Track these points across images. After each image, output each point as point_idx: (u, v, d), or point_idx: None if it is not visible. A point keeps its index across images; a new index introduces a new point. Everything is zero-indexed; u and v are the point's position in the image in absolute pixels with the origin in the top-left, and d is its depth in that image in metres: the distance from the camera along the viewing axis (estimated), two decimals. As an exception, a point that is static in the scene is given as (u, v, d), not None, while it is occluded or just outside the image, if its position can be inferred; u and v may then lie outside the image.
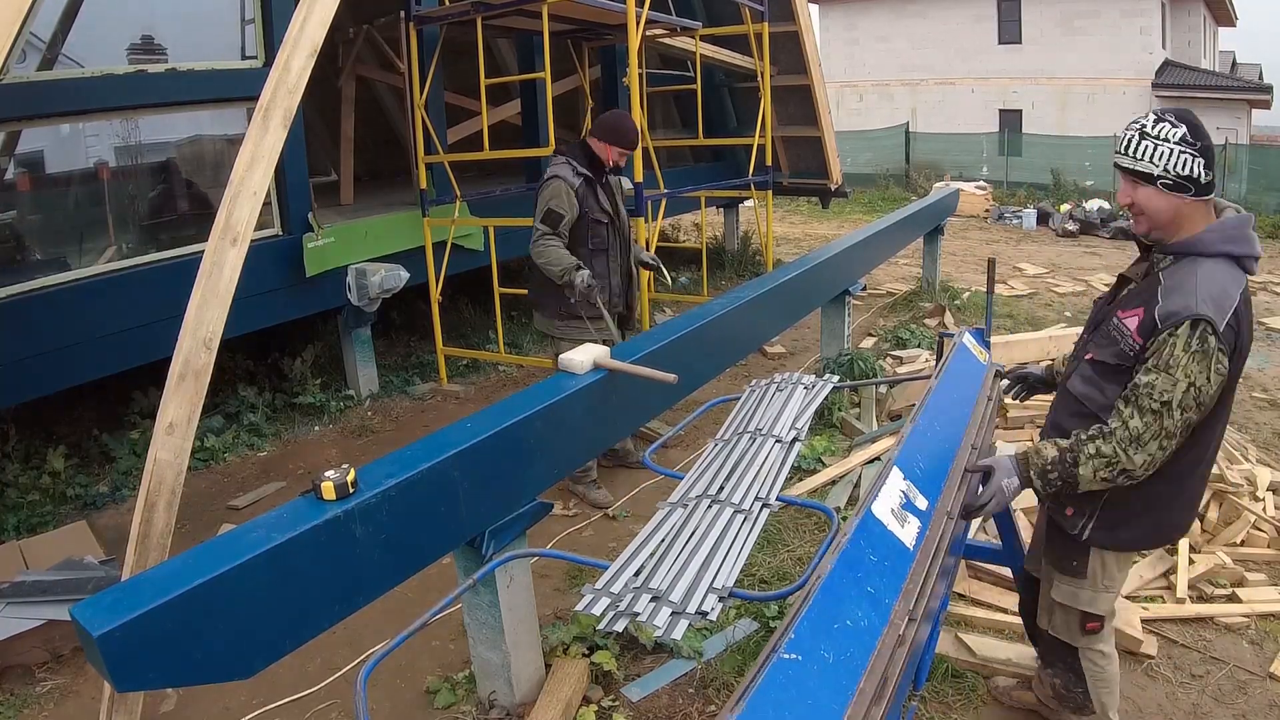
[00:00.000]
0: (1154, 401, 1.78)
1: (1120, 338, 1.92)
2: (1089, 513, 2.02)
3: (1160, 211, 1.86)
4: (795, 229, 15.15)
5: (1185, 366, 1.76)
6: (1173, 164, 1.81)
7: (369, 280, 5.64)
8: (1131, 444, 1.81)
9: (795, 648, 1.22)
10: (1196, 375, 1.76)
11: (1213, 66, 22.70)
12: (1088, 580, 2.10)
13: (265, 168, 2.92)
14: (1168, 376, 1.77)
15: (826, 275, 5.44)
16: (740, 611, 3.21)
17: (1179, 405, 1.77)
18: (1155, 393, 1.78)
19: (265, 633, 1.77)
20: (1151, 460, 1.81)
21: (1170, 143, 1.81)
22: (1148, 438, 1.79)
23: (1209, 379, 1.76)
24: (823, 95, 9.67)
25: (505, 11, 5.66)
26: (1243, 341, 1.84)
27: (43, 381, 4.27)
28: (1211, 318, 1.75)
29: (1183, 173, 1.81)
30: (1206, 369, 1.76)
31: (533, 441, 2.50)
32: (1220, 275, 1.81)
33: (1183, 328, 1.76)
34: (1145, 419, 1.79)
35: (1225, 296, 1.78)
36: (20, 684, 3.10)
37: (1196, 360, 1.75)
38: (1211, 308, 1.76)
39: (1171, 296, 1.81)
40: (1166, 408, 1.77)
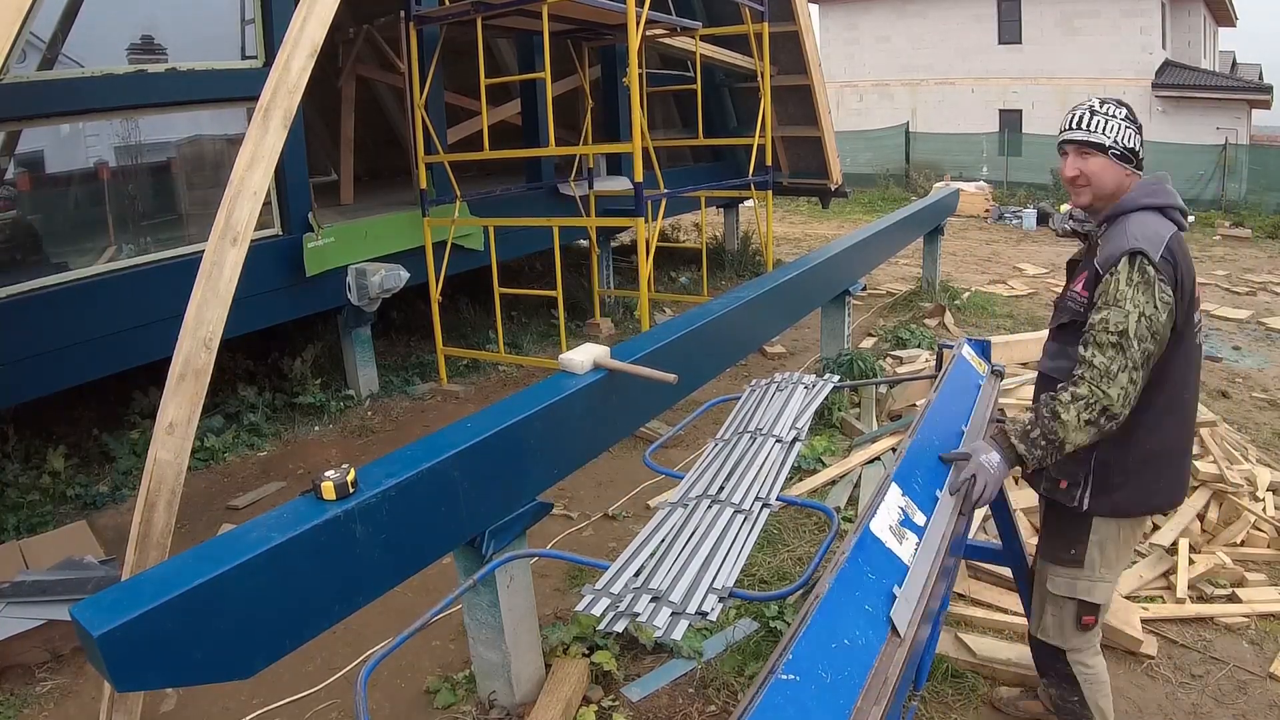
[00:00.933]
0: (1110, 334, 1.84)
1: (1073, 303, 2.04)
2: (1083, 478, 2.04)
3: (1107, 181, 2.02)
4: (795, 229, 15.15)
5: (1132, 298, 1.84)
6: (1121, 136, 2.00)
7: (369, 280, 5.64)
8: (1102, 379, 1.84)
9: (793, 668, 1.22)
10: (1144, 304, 1.84)
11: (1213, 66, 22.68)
12: (1085, 568, 2.10)
13: (265, 168, 2.92)
14: (1117, 309, 1.85)
15: (826, 275, 5.44)
16: (740, 611, 3.21)
17: (1135, 335, 1.83)
18: (1110, 325, 1.84)
19: (265, 633, 1.77)
20: (1124, 393, 1.83)
21: (1118, 119, 2.01)
22: (1115, 369, 1.83)
23: (1156, 306, 1.84)
24: (823, 95, 9.67)
25: (505, 11, 5.66)
26: (1182, 275, 1.90)
27: (43, 381, 4.27)
28: (1144, 249, 1.85)
29: (1129, 145, 2.01)
30: (1152, 297, 1.84)
31: (533, 441, 2.50)
32: (1149, 220, 1.94)
33: (1120, 264, 1.87)
34: (1108, 353, 1.84)
35: (1155, 234, 1.89)
36: (20, 684, 3.10)
37: (1140, 290, 1.84)
38: (1143, 242, 1.87)
39: (1106, 246, 1.95)
40: (1124, 337, 1.83)
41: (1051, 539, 2.19)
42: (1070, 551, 2.12)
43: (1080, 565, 2.11)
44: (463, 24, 5.92)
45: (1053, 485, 2.11)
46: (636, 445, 4.89)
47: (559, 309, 6.27)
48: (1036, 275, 10.38)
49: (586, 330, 7.81)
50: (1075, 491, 2.06)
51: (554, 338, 7.41)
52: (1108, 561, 2.11)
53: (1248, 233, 13.71)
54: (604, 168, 8.09)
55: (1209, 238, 13.54)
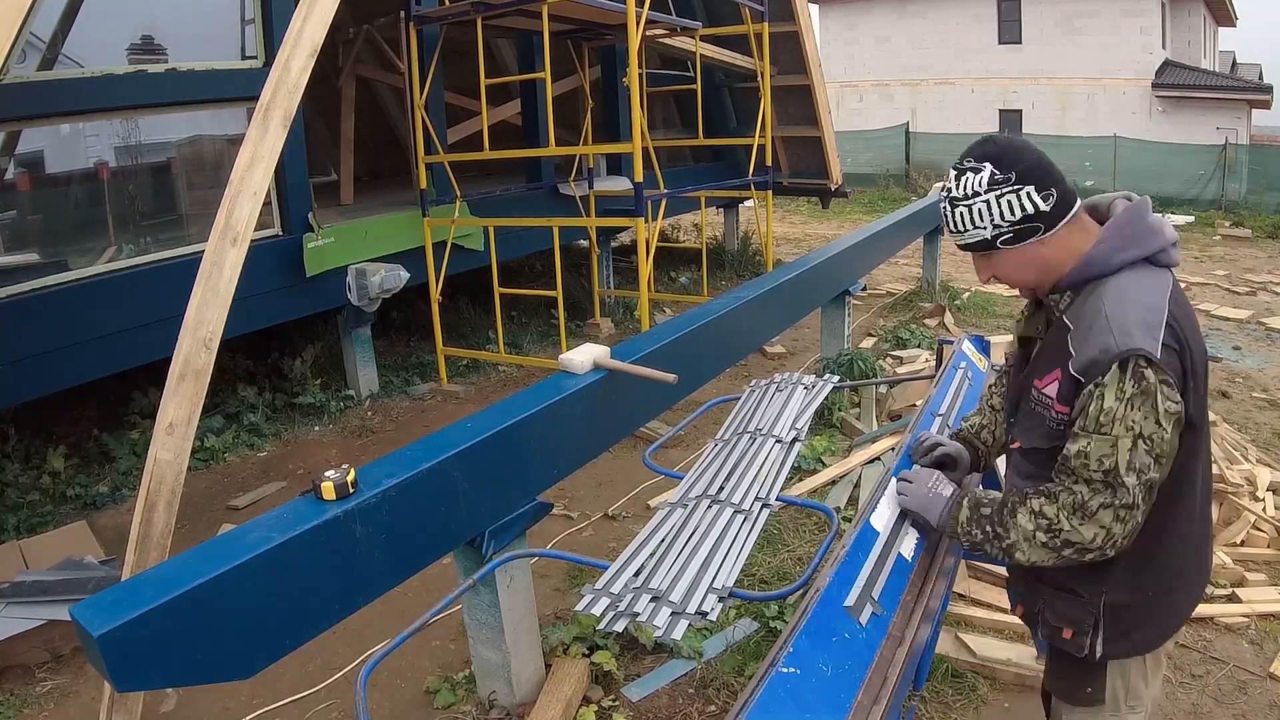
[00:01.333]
0: (1093, 473, 1.40)
1: (1045, 413, 1.53)
2: (1091, 625, 1.58)
3: (1028, 268, 1.53)
4: (795, 229, 15.15)
5: (1124, 419, 1.37)
6: (998, 214, 1.48)
7: (369, 280, 5.64)
8: (1076, 513, 1.42)
9: (794, 661, 1.23)
10: (1141, 424, 1.37)
11: (1213, 66, 22.69)
12: (1109, 706, 1.65)
13: (265, 168, 2.92)
14: (1103, 439, 1.39)
15: (826, 275, 5.44)
16: (740, 611, 3.21)
17: (1128, 468, 1.38)
18: (1091, 462, 1.40)
19: (265, 633, 1.77)
20: (1107, 533, 1.41)
21: (981, 194, 1.48)
22: (1095, 507, 1.40)
23: (1160, 422, 1.37)
24: (823, 95, 9.67)
25: (505, 11, 5.66)
26: (1192, 353, 1.43)
27: (43, 381, 4.27)
28: (1141, 348, 1.36)
29: (1014, 217, 1.48)
30: (1153, 410, 1.37)
31: (533, 441, 2.50)
32: (1133, 288, 1.44)
33: (1110, 374, 1.38)
34: (1092, 487, 1.41)
35: (1150, 311, 1.41)
36: (20, 684, 3.10)
37: (1136, 405, 1.37)
38: (1138, 335, 1.38)
39: (1085, 343, 1.43)
40: (1113, 475, 1.38)
41: (1062, 676, 1.72)
42: (1087, 690, 1.66)
43: (1102, 703, 1.66)
44: (463, 24, 5.92)
45: (1054, 634, 1.63)
46: (636, 445, 4.89)
47: (559, 309, 6.27)
48: (1036, 275, 10.37)
49: (586, 330, 7.81)
50: (1084, 640, 1.59)
51: (554, 338, 7.41)
52: (1134, 692, 1.66)
53: (1248, 233, 13.71)
54: (604, 168, 8.09)
55: (1209, 238, 13.54)
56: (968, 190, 1.50)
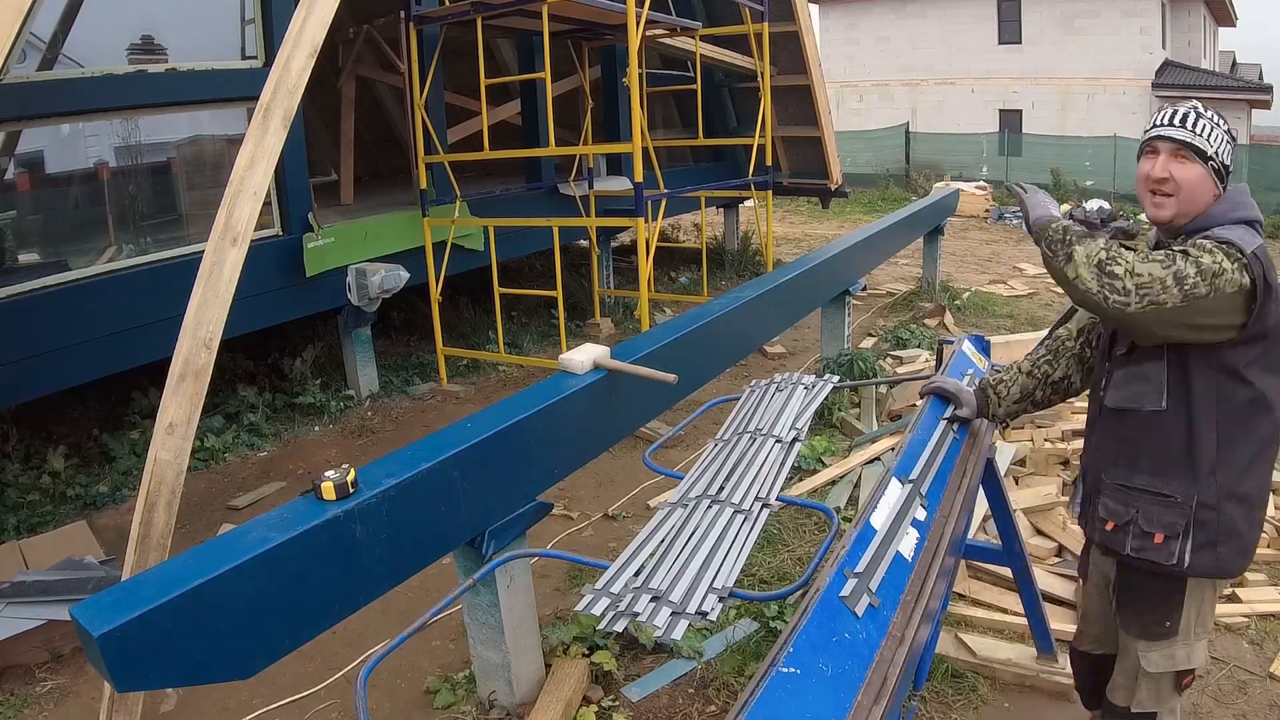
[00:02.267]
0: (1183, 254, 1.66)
1: None
2: (1182, 529, 1.75)
3: (1199, 195, 1.77)
4: (795, 229, 15.15)
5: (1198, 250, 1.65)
6: (1223, 149, 1.77)
7: (369, 280, 5.64)
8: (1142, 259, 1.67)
9: (794, 661, 1.23)
10: (1207, 260, 1.63)
11: (1213, 66, 22.69)
12: (1181, 635, 1.83)
13: (265, 168, 2.92)
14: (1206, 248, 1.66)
15: (826, 275, 5.44)
16: (740, 612, 3.21)
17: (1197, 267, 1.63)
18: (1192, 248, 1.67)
19: (265, 633, 1.77)
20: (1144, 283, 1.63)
21: (1222, 129, 1.77)
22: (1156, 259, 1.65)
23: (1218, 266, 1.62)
24: (823, 95, 9.67)
25: (505, 11, 5.66)
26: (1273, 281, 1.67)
27: (43, 381, 4.27)
28: (1234, 240, 1.66)
29: (1227, 161, 1.79)
30: (1220, 261, 1.63)
31: (533, 441, 2.50)
32: (1238, 230, 1.72)
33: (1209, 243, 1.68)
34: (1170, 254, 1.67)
35: (1247, 236, 1.70)
36: (20, 684, 3.10)
37: (1209, 251, 1.64)
38: (1234, 236, 1.68)
39: None
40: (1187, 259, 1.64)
41: (1139, 613, 1.87)
42: (1165, 624, 1.83)
43: (1176, 634, 1.83)
44: (463, 24, 5.92)
45: (1145, 541, 1.79)
46: (636, 445, 4.89)
47: (559, 309, 6.27)
48: (1037, 275, 10.38)
49: (586, 330, 7.81)
50: (1174, 545, 1.76)
51: (554, 338, 7.41)
52: (1203, 621, 1.85)
53: (1248, 233, 13.70)
54: (604, 168, 8.09)
55: (1209, 238, 13.53)
56: (1216, 120, 1.79)
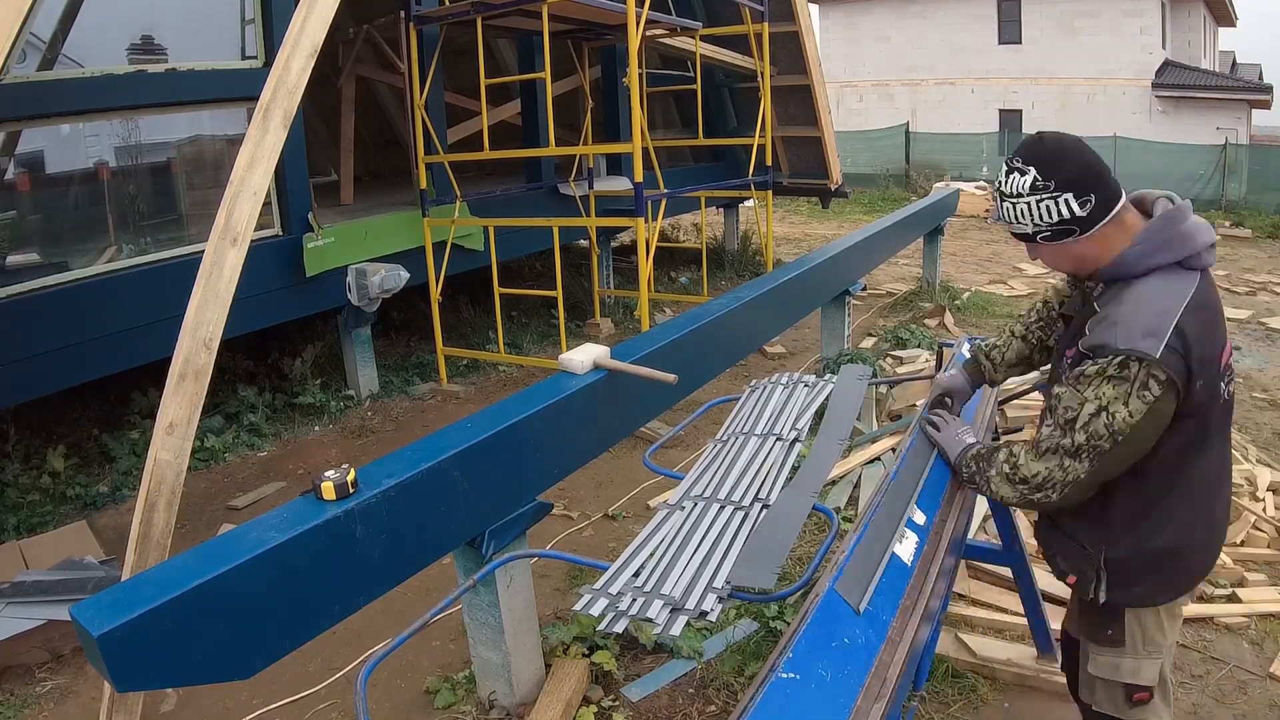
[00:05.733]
0: (1059, 416, 1.63)
1: None
2: (1094, 575, 1.77)
3: (1064, 260, 1.71)
4: (795, 229, 15.15)
5: (1098, 388, 1.56)
6: (1039, 216, 1.63)
7: (369, 280, 5.64)
8: (1032, 449, 1.68)
9: (793, 666, 1.22)
10: (1110, 399, 1.54)
11: (1213, 66, 22.69)
12: (1127, 648, 1.80)
13: (265, 168, 2.92)
14: (1074, 393, 1.60)
15: (826, 275, 5.44)
16: (740, 612, 3.21)
17: (1082, 427, 1.57)
18: (1060, 406, 1.63)
19: (265, 633, 1.77)
20: (1048, 476, 1.63)
21: (1024, 196, 1.63)
22: (1045, 447, 1.64)
23: (1126, 405, 1.53)
24: (823, 95, 9.67)
25: (505, 11, 5.66)
26: (1198, 354, 1.55)
27: (43, 381, 4.27)
28: (1139, 350, 1.52)
29: (1053, 220, 1.62)
30: (1125, 395, 1.53)
31: (533, 441, 2.50)
32: (1151, 293, 1.58)
33: (1105, 359, 1.56)
34: (1053, 430, 1.64)
35: (1161, 316, 1.55)
36: (20, 684, 3.10)
37: (1113, 385, 1.54)
38: (1139, 338, 1.53)
39: (1098, 329, 1.61)
40: (1070, 426, 1.60)
41: (1084, 616, 1.90)
42: (1107, 632, 1.82)
43: (1121, 645, 1.80)
44: (463, 24, 5.92)
45: (1062, 576, 1.85)
46: (636, 445, 4.89)
47: (559, 309, 6.27)
48: (1036, 275, 10.38)
49: (586, 330, 7.81)
50: (1088, 587, 1.78)
51: (554, 338, 7.41)
52: (1151, 639, 1.79)
53: (1248, 233, 13.71)
54: (604, 168, 8.09)
55: (1209, 238, 13.53)
56: (1014, 189, 1.65)
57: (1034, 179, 1.61)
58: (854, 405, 2.45)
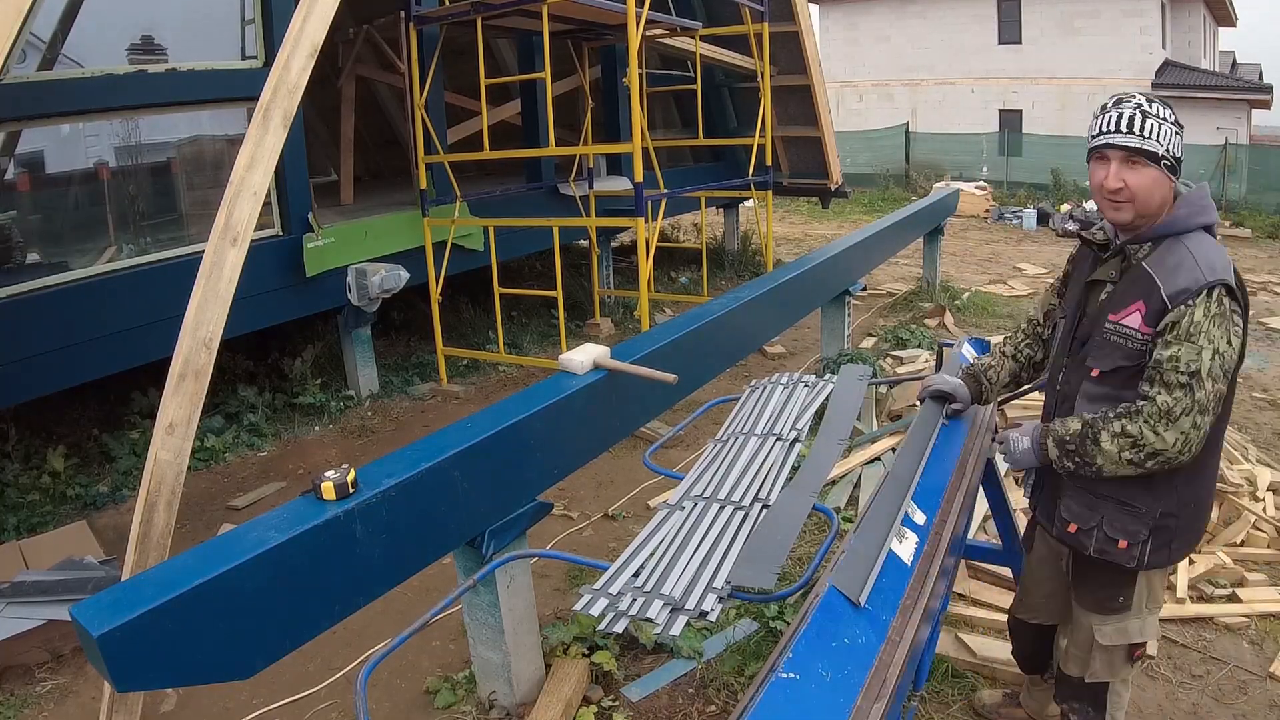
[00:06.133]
0: (1180, 374, 1.64)
1: (1124, 340, 1.77)
2: (1145, 537, 1.83)
3: (1156, 197, 1.76)
4: (795, 229, 15.15)
5: (1208, 332, 1.64)
6: (1173, 144, 1.75)
7: (369, 280, 5.64)
8: (1161, 420, 1.65)
9: (793, 666, 1.22)
10: (1219, 340, 1.64)
11: (1213, 66, 22.69)
12: (1134, 611, 1.92)
13: (265, 168, 2.92)
14: (1191, 345, 1.64)
15: (826, 275, 5.44)
16: (740, 612, 3.21)
17: (1208, 374, 1.63)
18: (1181, 364, 1.64)
19: (265, 633, 1.77)
20: (1185, 439, 1.65)
21: (1169, 123, 1.75)
22: (1178, 412, 1.64)
23: (1230, 342, 1.66)
24: (823, 95, 9.67)
25: (505, 11, 5.66)
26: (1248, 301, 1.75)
27: (43, 381, 4.27)
28: (1224, 279, 1.67)
29: (1178, 154, 1.77)
30: (1227, 332, 1.66)
31: (533, 441, 2.50)
32: (1208, 243, 1.75)
33: (1200, 297, 1.66)
34: (1175, 394, 1.64)
35: (1222, 258, 1.72)
36: (20, 684, 3.10)
37: (1217, 324, 1.65)
38: (1221, 270, 1.68)
39: (1174, 277, 1.70)
40: (1195, 379, 1.63)
41: (1093, 591, 1.98)
42: (1118, 600, 1.93)
43: (1129, 610, 1.93)
44: (463, 24, 5.91)
45: (1109, 545, 1.87)
46: (636, 445, 4.89)
47: (559, 309, 6.27)
48: (1036, 275, 10.38)
49: (586, 330, 7.81)
50: (1135, 551, 1.85)
51: (554, 338, 7.41)
52: (1154, 598, 1.95)
53: (1248, 233, 13.70)
54: (604, 168, 8.09)
55: (1209, 238, 13.52)
56: (1163, 114, 1.74)
57: (1174, 116, 1.77)
58: (854, 405, 2.45)
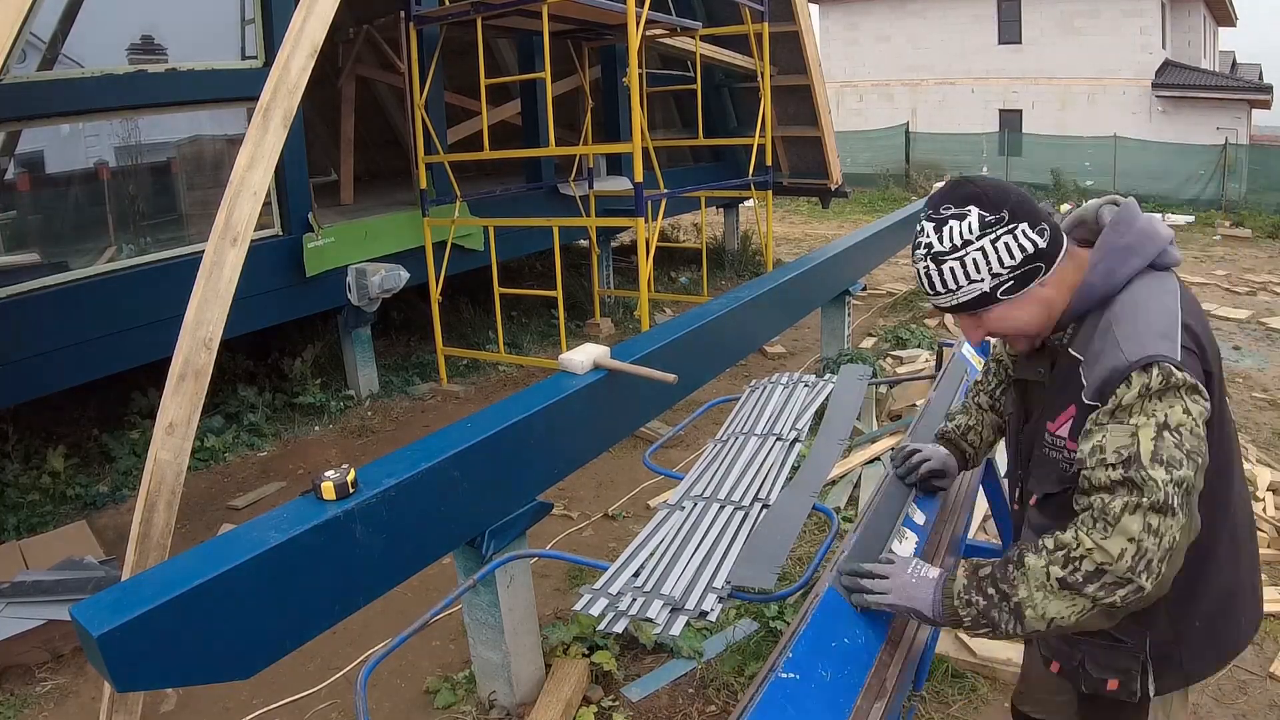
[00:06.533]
0: (1108, 469, 1.19)
1: (1059, 456, 1.37)
2: (1138, 672, 1.41)
3: (1033, 314, 1.36)
4: (795, 229, 15.15)
5: (1144, 409, 1.19)
6: (996, 261, 1.30)
7: (369, 280, 5.64)
8: (1097, 524, 1.18)
9: (793, 667, 1.22)
10: (1168, 413, 1.19)
11: (1213, 66, 22.68)
12: None
13: (265, 168, 2.92)
14: (1119, 426, 1.20)
15: (826, 275, 5.44)
16: (740, 612, 3.21)
17: (1153, 459, 1.16)
18: (1109, 455, 1.19)
19: (265, 633, 1.77)
20: (1139, 550, 1.15)
21: (973, 243, 1.30)
22: (1118, 509, 1.16)
23: (1187, 411, 1.19)
24: (823, 95, 9.67)
25: (505, 11, 5.66)
26: (1207, 353, 1.30)
27: (43, 381, 4.27)
28: (1162, 353, 1.21)
29: (1015, 259, 1.30)
30: (1180, 401, 1.19)
31: (533, 441, 2.50)
32: (1141, 300, 1.30)
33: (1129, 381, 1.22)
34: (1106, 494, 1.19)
35: (1163, 316, 1.27)
36: (20, 684, 3.10)
37: (1160, 397, 1.20)
38: (1154, 343, 1.22)
39: (1096, 366, 1.27)
40: (1135, 467, 1.16)
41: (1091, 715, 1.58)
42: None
43: None
44: (463, 24, 5.92)
45: (1098, 686, 1.45)
46: (636, 445, 4.89)
47: (559, 309, 6.27)
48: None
49: (586, 330, 7.81)
50: (1133, 685, 1.42)
51: (554, 338, 7.41)
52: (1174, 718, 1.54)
53: (1248, 233, 13.70)
54: (604, 168, 8.09)
55: (1209, 238, 13.54)
56: (955, 240, 1.30)
57: (979, 216, 1.29)
58: (854, 405, 2.45)
